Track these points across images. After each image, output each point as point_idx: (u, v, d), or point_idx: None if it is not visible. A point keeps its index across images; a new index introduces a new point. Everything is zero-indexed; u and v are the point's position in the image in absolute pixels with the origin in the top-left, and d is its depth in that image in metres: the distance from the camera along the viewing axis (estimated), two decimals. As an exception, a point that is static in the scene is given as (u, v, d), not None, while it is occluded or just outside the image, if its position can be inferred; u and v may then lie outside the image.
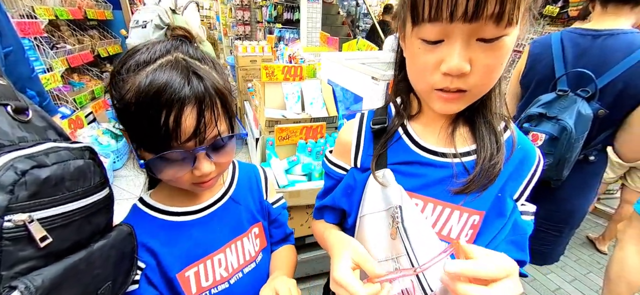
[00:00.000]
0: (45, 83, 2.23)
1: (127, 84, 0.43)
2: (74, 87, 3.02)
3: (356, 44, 2.49)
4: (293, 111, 1.83)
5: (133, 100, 0.42)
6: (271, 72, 1.79)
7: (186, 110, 0.43)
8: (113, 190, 0.46)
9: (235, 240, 0.63)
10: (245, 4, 6.50)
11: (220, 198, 0.63)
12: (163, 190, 0.60)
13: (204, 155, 0.48)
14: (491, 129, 0.50)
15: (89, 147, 0.43)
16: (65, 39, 3.06)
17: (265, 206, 0.71)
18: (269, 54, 2.89)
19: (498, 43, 0.38)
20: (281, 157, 1.66)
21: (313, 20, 3.92)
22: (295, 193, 1.50)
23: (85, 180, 0.39)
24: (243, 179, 0.69)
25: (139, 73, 0.43)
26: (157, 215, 0.57)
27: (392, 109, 0.59)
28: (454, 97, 0.44)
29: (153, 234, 0.55)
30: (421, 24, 0.40)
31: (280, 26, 5.04)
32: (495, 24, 0.36)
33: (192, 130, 0.44)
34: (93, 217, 0.40)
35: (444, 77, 0.41)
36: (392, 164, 0.55)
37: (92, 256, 0.38)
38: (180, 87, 0.42)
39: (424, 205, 0.52)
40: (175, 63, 0.44)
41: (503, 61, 0.41)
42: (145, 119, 0.42)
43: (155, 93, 0.41)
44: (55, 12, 2.70)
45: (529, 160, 0.53)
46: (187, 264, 0.57)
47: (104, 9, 3.68)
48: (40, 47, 2.37)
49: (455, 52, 0.38)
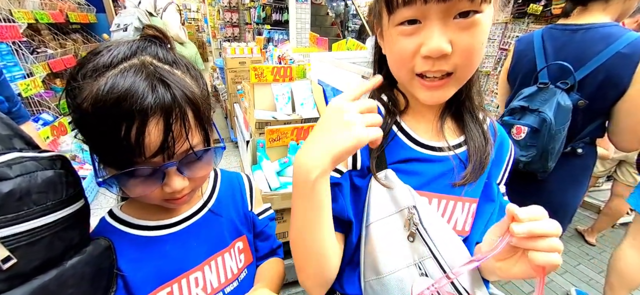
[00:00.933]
0: (25, 89, 2.15)
1: (84, 91, 0.38)
2: (56, 92, 2.92)
3: (346, 44, 2.48)
4: (283, 112, 1.81)
5: (90, 110, 0.37)
6: (260, 73, 1.76)
7: (150, 123, 0.38)
8: (97, 197, 0.43)
9: (216, 257, 0.57)
10: (234, 6, 6.44)
11: (199, 210, 0.58)
12: (135, 202, 0.54)
13: (175, 170, 0.43)
14: (476, 120, 0.54)
15: (61, 156, 0.40)
16: (46, 43, 2.96)
17: (250, 217, 0.66)
18: (258, 56, 2.86)
19: (475, 20, 0.38)
20: (272, 159, 1.63)
21: (302, 21, 3.90)
22: (287, 195, 1.48)
23: (56, 193, 0.37)
24: (225, 189, 0.63)
25: (98, 79, 0.38)
26: (126, 230, 0.51)
27: (380, 108, 0.57)
28: (439, 84, 0.43)
29: (121, 251, 0.49)
30: (396, 10, 0.40)
31: (269, 27, 5.00)
32: (470, 0, 0.37)
33: (158, 145, 0.39)
34: (65, 232, 0.38)
35: (425, 60, 0.41)
36: (391, 163, 0.53)
37: (63, 275, 0.36)
38: (143, 95, 0.37)
39: (430, 201, 0.52)
40: (141, 67, 0.39)
41: (482, 40, 0.41)
42: (104, 131, 0.37)
43: (115, 102, 0.36)
44: (35, 16, 2.60)
45: (505, 146, 0.58)
46: (159, 284, 0.51)
47: (87, 12, 3.58)
48: (19, 52, 2.27)
49: (434, 33, 0.38)
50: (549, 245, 0.36)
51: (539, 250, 0.37)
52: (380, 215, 0.51)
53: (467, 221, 0.53)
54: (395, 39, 0.43)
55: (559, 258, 0.36)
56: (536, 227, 0.36)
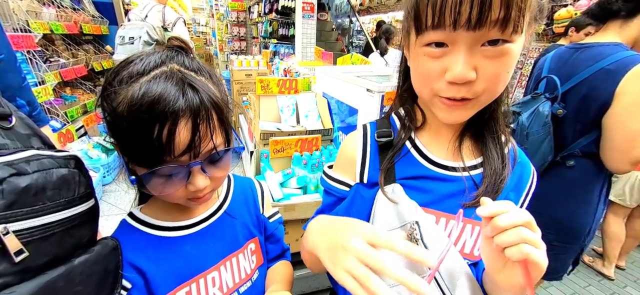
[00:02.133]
0: (37, 96, 2.20)
1: (120, 96, 0.41)
2: (65, 100, 2.98)
3: (350, 58, 2.53)
4: (288, 124, 1.83)
5: (125, 113, 0.40)
6: (266, 85, 1.80)
7: (180, 123, 0.41)
8: (101, 204, 0.44)
9: (230, 257, 0.59)
10: (241, 21, 6.62)
11: (215, 212, 0.60)
12: (154, 205, 0.57)
13: (199, 169, 0.46)
14: (498, 143, 0.51)
15: (75, 156, 0.41)
16: (59, 53, 3.05)
17: (262, 220, 0.68)
18: (264, 68, 2.92)
19: (503, 49, 0.37)
20: (276, 170, 1.64)
21: (308, 36, 3.99)
22: (290, 207, 1.47)
23: (69, 190, 0.37)
24: (238, 193, 0.66)
25: (132, 84, 0.41)
26: (147, 230, 0.53)
27: (395, 121, 0.58)
28: (459, 104, 0.42)
29: (142, 250, 0.51)
30: (425, 32, 0.40)
31: (275, 41, 5.12)
32: (500, 31, 0.36)
33: (186, 144, 0.42)
34: (76, 230, 0.38)
35: (449, 86, 0.40)
36: (400, 178, 0.53)
37: (72, 272, 0.36)
38: (174, 99, 0.40)
39: (437, 220, 0.51)
40: (170, 74, 0.43)
41: (509, 69, 0.40)
42: (137, 132, 0.40)
43: (149, 105, 0.39)
44: (50, 27, 2.70)
45: (526, 174, 0.54)
46: (178, 284, 0.53)
47: (100, 24, 3.70)
48: (33, 61, 2.34)
49: (459, 60, 0.38)
50: (518, 235, 0.34)
51: (510, 244, 0.35)
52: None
53: (477, 245, 0.51)
54: (421, 59, 0.43)
55: (534, 250, 0.34)
56: (500, 213, 0.35)
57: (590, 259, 2.23)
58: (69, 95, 3.06)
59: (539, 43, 3.45)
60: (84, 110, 3.15)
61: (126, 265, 0.49)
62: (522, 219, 0.35)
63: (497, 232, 0.36)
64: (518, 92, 3.67)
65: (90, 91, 3.51)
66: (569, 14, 2.87)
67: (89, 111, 3.19)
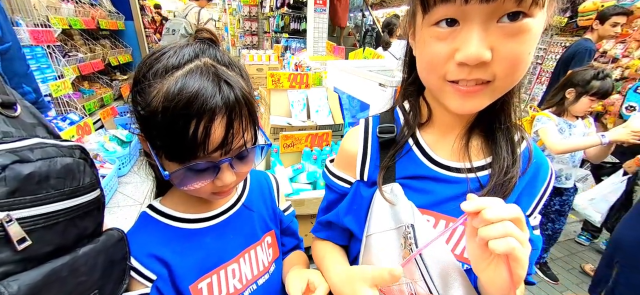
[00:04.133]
0: (55, 90, 2.27)
1: (154, 90, 0.41)
2: (83, 94, 3.08)
3: (363, 53, 2.48)
4: (298, 119, 1.81)
5: (160, 108, 0.39)
6: (277, 79, 1.78)
7: (216, 121, 0.41)
8: (116, 196, 0.43)
9: (249, 249, 0.59)
10: (253, 15, 6.63)
11: (233, 205, 0.60)
12: (174, 197, 0.57)
13: (228, 166, 0.46)
14: (509, 139, 0.47)
15: (80, 145, 0.40)
16: (78, 47, 3.14)
17: (278, 214, 0.68)
18: (275, 63, 2.91)
19: (522, 25, 0.33)
20: (286, 165, 1.63)
21: (319, 31, 3.95)
22: (299, 202, 1.46)
23: (74, 180, 0.37)
24: (255, 186, 0.66)
25: (167, 78, 0.41)
26: (168, 223, 0.54)
27: (399, 116, 0.55)
28: (474, 90, 0.38)
29: (165, 242, 0.52)
30: (432, 8, 0.36)
31: (287, 36, 5.10)
32: (518, 2, 0.32)
33: (220, 141, 0.42)
34: (80, 220, 0.37)
35: (460, 68, 0.36)
36: (400, 178, 0.50)
37: (76, 262, 0.35)
38: (211, 95, 0.40)
39: (436, 222, 0.48)
40: (205, 69, 0.42)
41: (530, 49, 0.35)
42: (173, 127, 0.40)
43: (187, 102, 0.39)
44: (69, 22, 2.78)
45: (542, 174, 0.50)
46: (201, 275, 0.53)
47: (116, 20, 3.79)
48: (52, 55, 2.42)
49: (472, 38, 0.34)
50: (504, 228, 0.33)
51: (495, 237, 0.33)
52: (379, 228, 0.50)
53: None
54: (428, 41, 0.39)
55: (519, 246, 0.32)
56: (486, 208, 0.34)
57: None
58: (87, 89, 3.15)
59: (562, 37, 3.28)
60: (101, 103, 3.24)
61: (150, 257, 0.49)
62: (510, 214, 0.33)
63: (483, 225, 0.34)
64: (537, 88, 3.52)
65: (107, 85, 3.61)
66: (595, 5, 2.70)
67: (106, 104, 3.28)
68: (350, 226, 0.56)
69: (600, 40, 2.35)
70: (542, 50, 3.49)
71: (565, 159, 1.67)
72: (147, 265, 0.49)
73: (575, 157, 1.66)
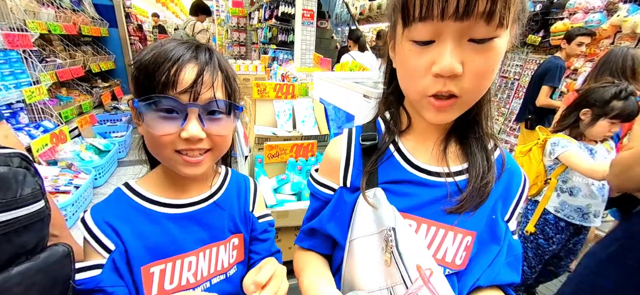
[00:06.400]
0: (29, 96, 2.17)
1: (149, 54, 0.48)
2: (61, 101, 2.96)
3: (348, 65, 2.53)
4: (284, 129, 1.81)
5: (145, 59, 0.47)
6: (263, 89, 1.78)
7: (188, 65, 0.47)
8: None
9: (211, 246, 0.59)
10: (242, 26, 6.66)
11: (205, 199, 0.60)
12: (150, 179, 0.58)
13: (196, 114, 0.48)
14: (482, 147, 0.50)
15: (21, 153, 0.37)
16: (57, 53, 3.04)
17: (250, 218, 0.67)
18: (262, 73, 2.91)
19: (489, 44, 0.37)
20: (270, 175, 1.61)
21: (307, 43, 4.01)
22: (283, 213, 1.44)
23: (9, 191, 0.34)
24: (232, 187, 0.66)
25: (156, 47, 0.49)
26: (138, 201, 0.55)
27: (381, 124, 0.57)
28: (447, 104, 0.42)
29: (128, 218, 0.52)
30: (412, 24, 0.39)
31: (274, 47, 5.14)
32: (486, 23, 0.36)
33: (189, 83, 0.47)
34: (17, 235, 0.34)
35: (436, 80, 0.40)
36: (383, 182, 0.52)
37: (8, 282, 0.32)
38: (188, 50, 0.49)
39: (418, 226, 0.49)
40: (194, 44, 0.51)
41: (495, 66, 0.40)
42: (151, 69, 0.46)
43: (168, 52, 0.47)
44: (48, 27, 2.69)
45: (516, 181, 0.53)
46: (155, 259, 0.53)
47: (100, 26, 3.70)
48: (28, 60, 2.32)
49: (446, 52, 0.37)
50: None
51: None
52: (362, 232, 0.51)
53: (458, 254, 0.49)
54: (407, 54, 0.42)
55: None
56: None
57: None
58: (64, 96, 3.04)
59: (537, 55, 3.47)
60: (79, 111, 3.12)
61: (108, 226, 0.50)
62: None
63: None
64: (515, 102, 3.68)
65: (87, 92, 3.49)
66: (565, 26, 2.91)
67: (85, 112, 3.16)
68: (332, 232, 0.56)
69: (569, 58, 2.51)
70: (519, 66, 3.68)
71: (595, 192, 1.32)
72: (105, 233, 0.50)
73: (604, 189, 1.32)
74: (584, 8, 2.83)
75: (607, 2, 2.68)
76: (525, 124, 2.76)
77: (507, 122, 3.86)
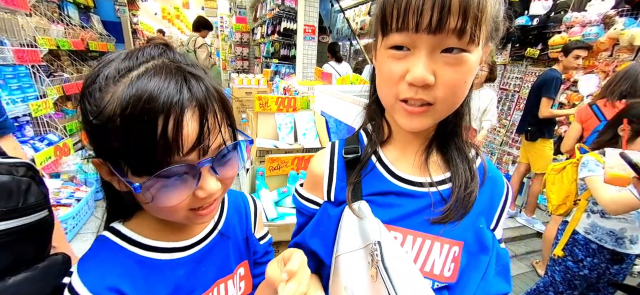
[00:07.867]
0: (35, 109, 2.21)
1: (107, 94, 0.35)
2: (66, 114, 3.00)
3: (349, 79, 2.56)
4: (285, 142, 1.82)
5: (118, 111, 0.34)
6: (265, 102, 1.80)
7: (187, 114, 0.36)
8: (92, 220, 0.39)
9: (219, 283, 0.53)
10: (245, 41, 6.80)
11: (210, 232, 0.53)
12: (142, 220, 0.49)
13: (210, 169, 0.40)
14: (463, 156, 0.51)
15: (27, 163, 0.37)
16: (64, 67, 3.11)
17: (252, 242, 0.62)
18: (264, 87, 2.95)
19: (461, 58, 0.39)
20: (271, 188, 1.61)
21: (308, 57, 4.08)
22: (284, 227, 1.43)
23: (10, 200, 0.34)
24: (232, 210, 0.60)
25: (121, 80, 0.36)
26: (134, 250, 0.45)
27: (363, 137, 0.57)
28: (419, 111, 0.43)
29: (127, 273, 0.43)
30: (389, 34, 0.41)
31: (276, 61, 5.23)
32: (458, 39, 0.38)
33: (195, 138, 0.37)
34: (17, 244, 0.34)
35: (409, 87, 0.42)
36: (366, 195, 0.51)
37: (3, 293, 0.32)
38: (177, 89, 0.35)
39: (404, 238, 0.48)
40: (166, 66, 0.37)
41: (466, 79, 0.42)
42: (136, 130, 0.34)
43: (149, 98, 0.33)
44: (57, 43, 2.76)
45: (499, 189, 0.54)
46: None
47: (107, 42, 3.80)
48: (36, 75, 2.38)
49: (420, 62, 0.39)
50: None
51: None
52: (347, 248, 0.50)
53: (446, 265, 0.48)
54: (385, 60, 0.44)
55: None
56: None
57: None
58: (70, 109, 3.08)
59: (536, 67, 3.50)
60: (84, 124, 3.17)
61: (106, 290, 0.41)
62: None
63: None
64: (517, 114, 3.68)
65: (92, 106, 3.55)
66: (563, 39, 2.95)
67: (89, 125, 3.20)
68: (315, 248, 0.55)
69: (566, 70, 2.54)
70: (519, 79, 3.70)
71: (632, 216, 1.24)
72: None
73: None
74: (580, 22, 2.87)
75: (603, 16, 2.72)
76: (526, 136, 2.76)
77: (509, 134, 3.86)
